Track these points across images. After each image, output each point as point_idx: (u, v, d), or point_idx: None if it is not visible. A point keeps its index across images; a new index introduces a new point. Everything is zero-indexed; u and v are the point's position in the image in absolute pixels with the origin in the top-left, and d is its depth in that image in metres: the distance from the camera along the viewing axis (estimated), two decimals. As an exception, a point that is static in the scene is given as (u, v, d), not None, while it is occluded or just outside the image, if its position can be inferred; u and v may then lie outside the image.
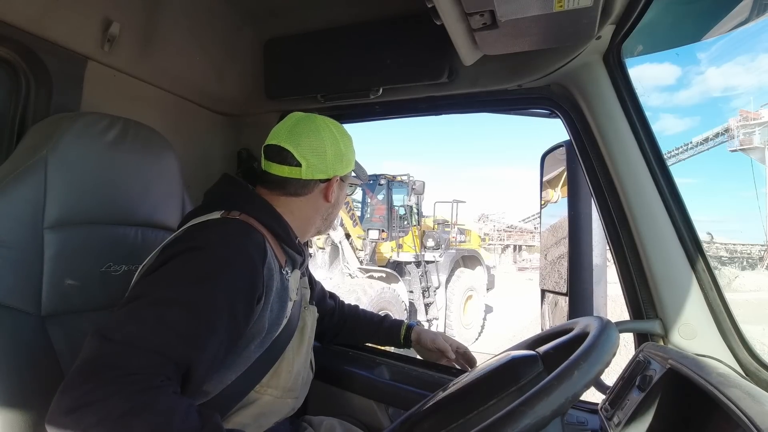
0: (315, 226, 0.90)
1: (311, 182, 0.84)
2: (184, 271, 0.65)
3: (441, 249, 6.83)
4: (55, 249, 0.79)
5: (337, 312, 1.19)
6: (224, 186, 0.85)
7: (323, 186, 0.86)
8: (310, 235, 0.92)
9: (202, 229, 0.73)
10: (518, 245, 28.15)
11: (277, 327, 0.79)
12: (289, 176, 0.82)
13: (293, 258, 0.85)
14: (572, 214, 0.97)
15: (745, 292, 9.08)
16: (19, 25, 0.84)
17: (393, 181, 6.94)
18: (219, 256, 0.67)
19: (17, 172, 0.76)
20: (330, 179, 0.85)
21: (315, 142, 0.82)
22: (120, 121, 0.90)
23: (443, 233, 7.54)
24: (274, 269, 0.75)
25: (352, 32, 1.13)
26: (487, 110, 1.16)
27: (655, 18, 0.80)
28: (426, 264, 6.53)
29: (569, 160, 1.00)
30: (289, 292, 0.82)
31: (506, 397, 0.56)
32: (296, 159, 0.81)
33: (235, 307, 0.66)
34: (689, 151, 27.73)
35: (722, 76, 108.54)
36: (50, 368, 0.75)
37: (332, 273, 5.93)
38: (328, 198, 0.87)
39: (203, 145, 1.34)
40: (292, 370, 0.83)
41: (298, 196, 0.84)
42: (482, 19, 0.71)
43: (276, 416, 0.83)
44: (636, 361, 0.77)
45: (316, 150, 0.82)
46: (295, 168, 0.82)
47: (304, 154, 0.81)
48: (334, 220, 0.95)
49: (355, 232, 6.17)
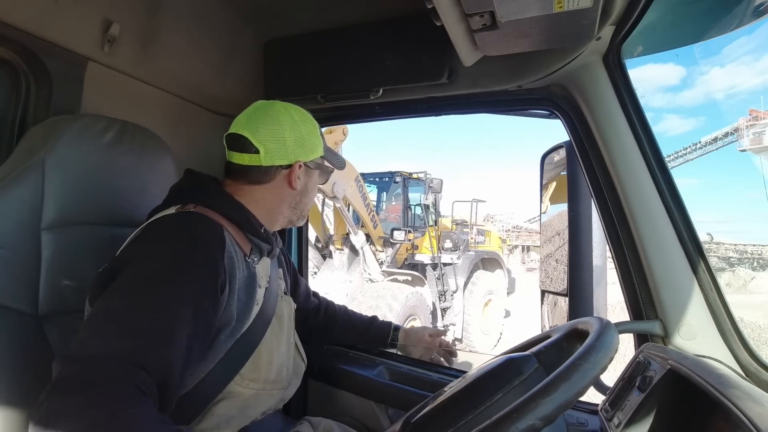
0: (283, 215, 0.88)
1: (272, 169, 0.82)
2: (142, 274, 0.63)
3: (459, 251, 6.37)
4: (52, 250, 0.79)
5: (323, 311, 1.19)
6: (184, 180, 0.84)
7: (285, 172, 0.84)
8: (280, 224, 0.90)
9: (155, 227, 0.72)
10: (526, 246, 28.05)
11: (248, 315, 0.77)
12: (249, 164, 0.81)
13: (259, 246, 0.83)
14: (572, 214, 0.97)
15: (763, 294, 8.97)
16: (19, 25, 0.84)
17: (409, 179, 6.57)
18: (175, 250, 0.66)
19: (15, 174, 0.77)
20: (292, 165, 0.84)
21: (273, 127, 0.81)
22: (117, 123, 0.90)
23: (462, 234, 7.07)
24: (236, 257, 0.74)
25: (352, 33, 1.13)
26: (487, 111, 1.16)
27: (655, 18, 0.80)
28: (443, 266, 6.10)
29: (569, 161, 1.00)
30: (258, 279, 0.81)
31: (510, 392, 0.56)
32: (254, 145, 0.80)
33: (200, 297, 0.64)
34: (697, 151, 27.67)
35: (727, 76, 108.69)
36: (47, 368, 0.74)
37: (351, 276, 5.54)
38: (291, 185, 0.85)
39: (203, 146, 1.34)
40: (272, 361, 0.82)
41: (260, 184, 0.83)
42: (482, 19, 0.71)
43: (263, 407, 0.83)
44: (636, 362, 0.77)
45: (274, 135, 0.81)
46: (254, 155, 0.81)
47: (261, 140, 0.80)
48: (306, 209, 0.92)
49: (376, 234, 5.81)
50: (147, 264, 0.64)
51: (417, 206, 6.57)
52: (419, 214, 6.57)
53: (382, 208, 6.81)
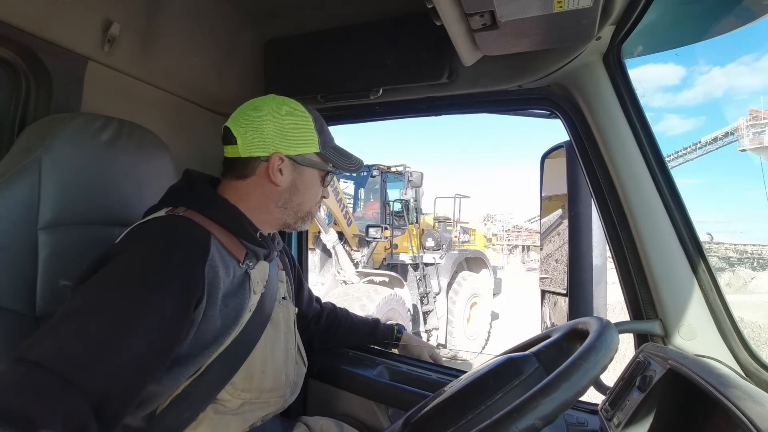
0: (272, 215, 0.83)
1: (251, 161, 0.79)
2: (111, 275, 0.61)
3: (442, 250, 6.02)
4: (49, 250, 0.79)
5: (326, 316, 1.18)
6: (180, 181, 0.82)
7: (265, 165, 0.79)
8: (272, 225, 0.85)
9: (139, 229, 0.70)
10: (526, 245, 27.98)
11: (237, 322, 0.74)
12: (232, 155, 0.80)
13: (255, 251, 0.80)
14: (572, 214, 0.97)
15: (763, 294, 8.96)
16: (19, 25, 0.84)
17: (387, 172, 6.19)
18: (150, 254, 0.64)
19: (11, 173, 0.76)
20: (269, 156, 0.79)
21: (253, 116, 0.79)
22: (114, 121, 0.90)
23: (445, 232, 6.68)
24: (221, 266, 0.71)
25: (352, 32, 1.13)
26: (487, 111, 1.16)
27: (655, 18, 0.80)
28: (425, 267, 5.73)
29: (569, 161, 1.00)
30: (252, 285, 0.78)
31: (510, 392, 0.56)
32: (234, 136, 0.78)
33: (165, 306, 0.61)
34: (698, 151, 27.68)
35: (726, 76, 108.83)
36: None
37: (324, 278, 5.26)
38: (271, 178, 0.79)
39: (203, 146, 1.34)
40: (267, 368, 0.79)
41: (243, 179, 0.80)
42: (482, 19, 0.71)
43: (262, 413, 0.81)
44: (636, 362, 0.77)
45: (253, 124, 0.78)
46: (234, 147, 0.78)
47: (240, 130, 0.78)
48: (302, 212, 0.86)
49: (350, 231, 5.45)
50: (119, 266, 0.62)
51: (396, 202, 6.12)
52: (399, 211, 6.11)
53: (360, 206, 6.48)
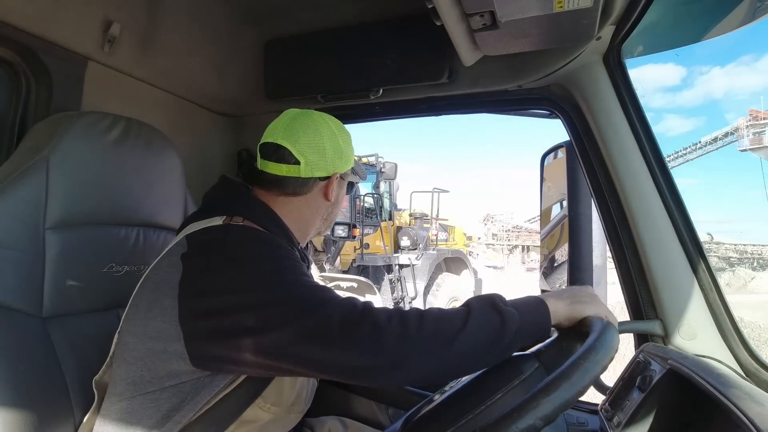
0: (315, 227, 0.87)
1: (310, 180, 0.81)
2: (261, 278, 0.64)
3: (419, 250, 5.55)
4: (56, 250, 0.78)
5: None
6: (222, 189, 0.82)
7: (323, 184, 0.83)
8: (311, 236, 0.90)
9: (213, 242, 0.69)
10: (526, 246, 27.96)
11: None
12: (288, 175, 0.79)
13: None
14: (572, 214, 0.97)
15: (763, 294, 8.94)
16: (19, 25, 0.84)
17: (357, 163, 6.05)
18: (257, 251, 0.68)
19: (18, 173, 0.76)
20: (330, 177, 0.83)
21: (314, 138, 0.79)
22: (122, 120, 0.89)
23: (422, 230, 6.12)
24: None
25: (352, 32, 1.13)
26: (487, 111, 1.17)
27: (655, 18, 0.80)
28: (400, 268, 5.25)
29: (569, 161, 1.00)
30: None
31: (510, 392, 0.56)
32: (294, 156, 0.78)
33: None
34: (698, 151, 27.69)
35: (726, 76, 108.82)
36: (51, 369, 0.75)
37: None
38: (328, 197, 0.84)
39: (203, 146, 1.34)
40: (296, 383, 0.79)
41: (296, 196, 0.81)
42: (482, 19, 0.71)
43: (280, 429, 0.81)
44: (636, 362, 0.77)
45: (315, 147, 0.79)
46: (293, 166, 0.79)
47: (302, 151, 0.78)
48: (333, 219, 0.92)
49: None
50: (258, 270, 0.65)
51: (367, 196, 5.57)
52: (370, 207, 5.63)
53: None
